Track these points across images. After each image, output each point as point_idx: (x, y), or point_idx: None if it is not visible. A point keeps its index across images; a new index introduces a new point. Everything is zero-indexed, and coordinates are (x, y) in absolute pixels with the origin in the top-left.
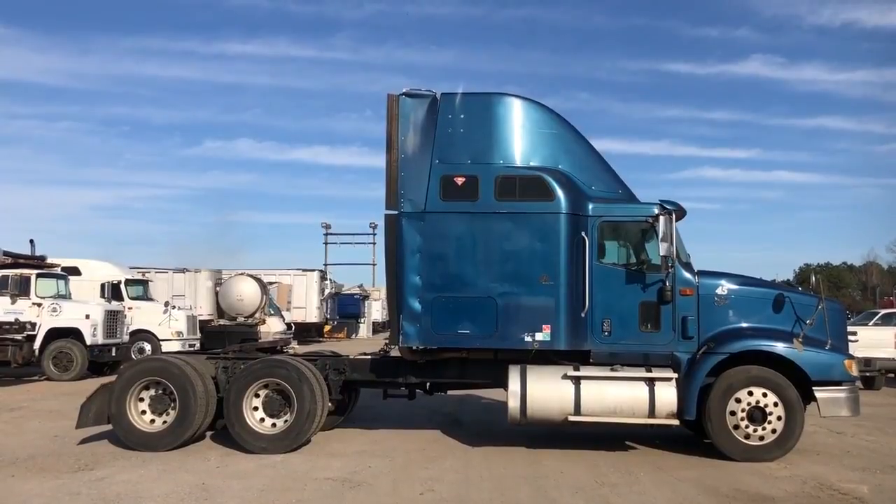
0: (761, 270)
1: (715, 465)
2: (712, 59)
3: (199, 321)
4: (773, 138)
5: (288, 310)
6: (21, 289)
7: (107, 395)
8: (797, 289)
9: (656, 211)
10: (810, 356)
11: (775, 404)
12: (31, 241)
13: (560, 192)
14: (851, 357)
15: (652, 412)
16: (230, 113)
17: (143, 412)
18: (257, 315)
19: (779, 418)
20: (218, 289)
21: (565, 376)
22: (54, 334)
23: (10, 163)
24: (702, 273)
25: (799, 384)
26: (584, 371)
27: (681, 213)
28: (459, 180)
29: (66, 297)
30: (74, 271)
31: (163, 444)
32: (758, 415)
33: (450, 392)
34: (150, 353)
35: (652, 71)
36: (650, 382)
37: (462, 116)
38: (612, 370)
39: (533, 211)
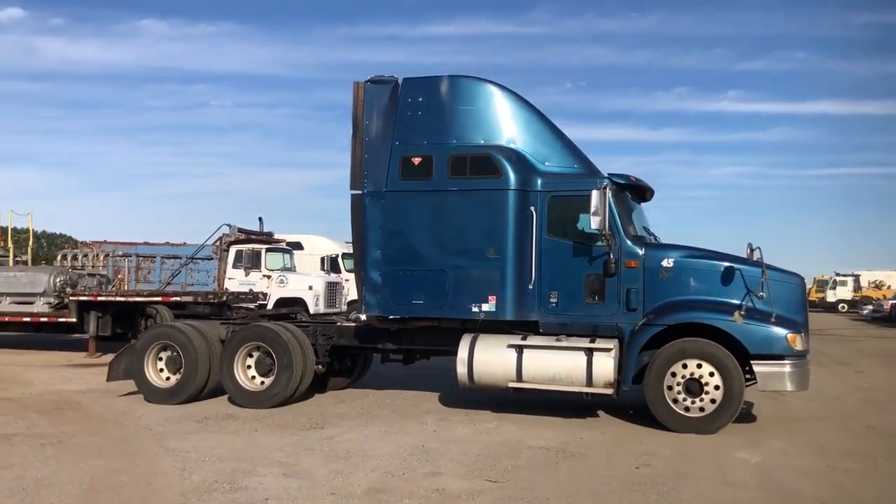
0: None
1: None
2: None
3: None
4: None
5: None
6: (253, 262)
7: (131, 354)
8: (750, 261)
9: (605, 184)
10: (748, 329)
11: (711, 375)
12: (260, 219)
13: (508, 169)
14: (798, 331)
15: (589, 381)
16: None
17: (161, 370)
18: None
19: (716, 389)
20: None
21: (510, 345)
22: (282, 304)
23: (241, 147)
24: (650, 245)
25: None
26: (528, 340)
27: (644, 191)
28: (416, 160)
29: (291, 269)
30: (297, 246)
31: (171, 399)
32: (694, 386)
33: None
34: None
35: (880, 23)
36: (589, 352)
37: (420, 99)
38: (557, 340)
39: (481, 187)
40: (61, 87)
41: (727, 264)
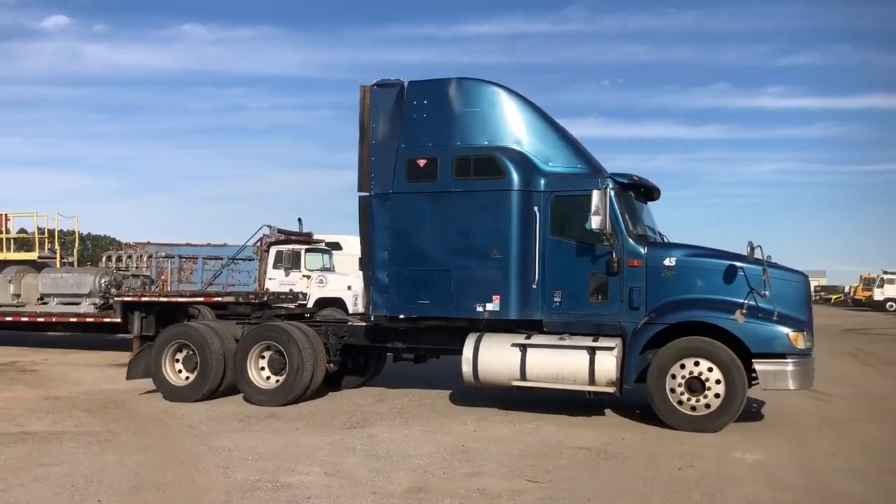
0: None
1: None
2: None
3: None
4: None
5: None
6: (293, 263)
7: (150, 353)
8: (752, 259)
9: (609, 184)
10: (749, 327)
11: (713, 374)
12: (300, 220)
13: (511, 170)
14: (800, 329)
15: (592, 380)
16: None
17: (179, 369)
18: None
19: (718, 387)
20: None
21: (514, 344)
22: (321, 304)
23: (278, 149)
24: (653, 244)
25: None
26: (532, 339)
27: (650, 190)
28: (421, 162)
29: (331, 269)
30: (336, 246)
31: (187, 396)
32: (696, 385)
33: None
34: None
35: None
36: (591, 351)
37: (425, 102)
38: (560, 339)
39: (485, 188)
40: (104, 91)
41: (729, 263)
